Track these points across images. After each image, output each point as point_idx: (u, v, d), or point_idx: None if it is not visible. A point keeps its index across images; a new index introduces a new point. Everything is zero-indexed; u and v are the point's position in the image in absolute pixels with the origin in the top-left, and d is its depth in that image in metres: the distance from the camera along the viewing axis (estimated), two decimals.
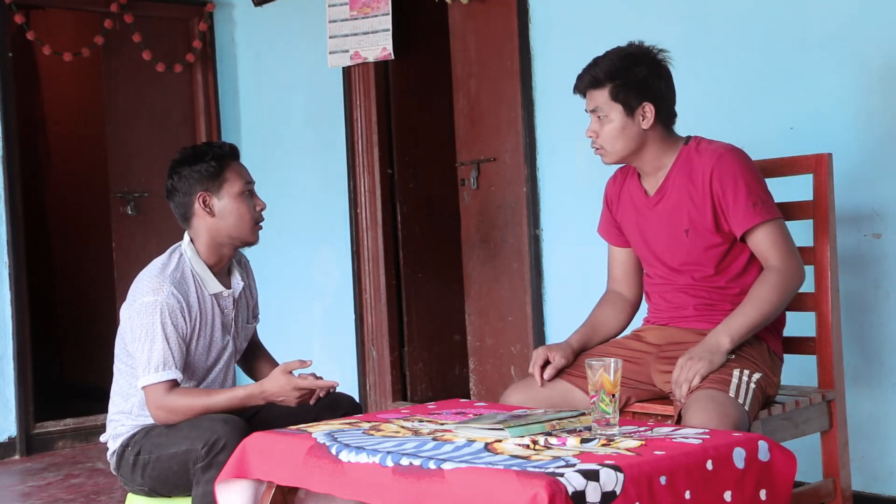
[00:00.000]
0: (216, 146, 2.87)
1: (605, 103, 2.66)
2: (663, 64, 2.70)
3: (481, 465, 1.90)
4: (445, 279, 5.27)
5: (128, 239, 5.55)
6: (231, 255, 2.90)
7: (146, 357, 2.70)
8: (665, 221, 2.71)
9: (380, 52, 4.96)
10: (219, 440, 2.56)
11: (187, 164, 2.84)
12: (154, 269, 2.80)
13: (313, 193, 5.48)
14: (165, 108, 5.70)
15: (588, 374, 2.14)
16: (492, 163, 4.46)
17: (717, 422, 2.31)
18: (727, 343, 2.52)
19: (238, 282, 2.92)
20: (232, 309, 2.90)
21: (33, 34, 5.26)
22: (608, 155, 2.71)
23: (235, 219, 2.82)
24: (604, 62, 2.68)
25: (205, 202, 2.82)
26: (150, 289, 2.74)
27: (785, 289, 2.57)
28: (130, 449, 2.78)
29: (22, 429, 5.05)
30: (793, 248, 2.61)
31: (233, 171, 2.84)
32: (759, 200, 2.58)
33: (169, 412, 2.69)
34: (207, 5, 5.68)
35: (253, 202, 2.86)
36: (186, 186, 2.83)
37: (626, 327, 2.93)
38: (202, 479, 2.58)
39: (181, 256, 2.84)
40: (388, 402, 5.16)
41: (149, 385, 2.70)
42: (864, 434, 3.18)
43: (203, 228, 2.84)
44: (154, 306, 2.70)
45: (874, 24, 3.17)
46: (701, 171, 2.63)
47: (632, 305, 2.92)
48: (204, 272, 2.83)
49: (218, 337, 2.86)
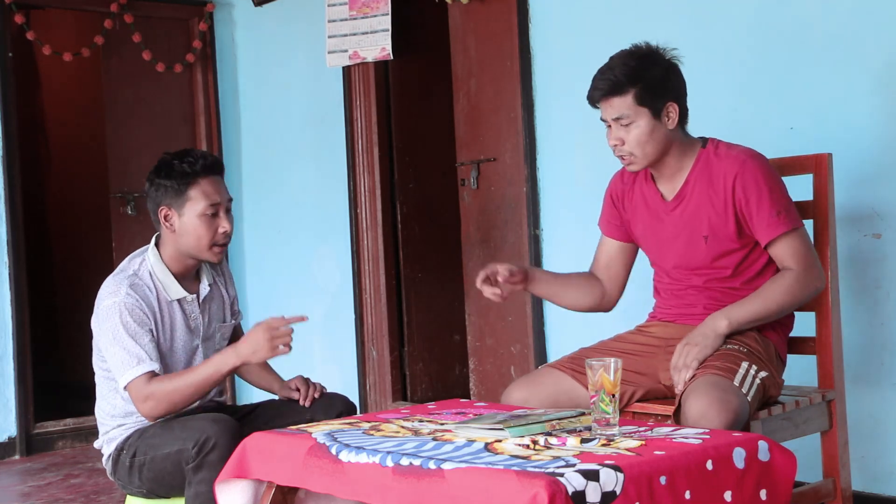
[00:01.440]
0: (190, 160, 2.81)
1: (630, 108, 2.57)
2: (674, 62, 2.65)
3: (481, 465, 1.90)
4: (445, 279, 5.26)
5: (128, 239, 5.54)
6: (196, 264, 2.89)
7: (119, 358, 2.71)
8: (683, 227, 2.67)
9: (379, 52, 4.96)
10: (209, 440, 2.56)
11: (158, 175, 2.83)
12: (113, 275, 2.83)
13: (313, 193, 5.47)
14: (165, 108, 5.70)
15: (588, 374, 2.13)
16: (492, 163, 4.46)
17: (718, 407, 2.30)
18: (724, 326, 2.52)
19: (205, 286, 2.91)
20: (198, 312, 2.89)
21: (33, 34, 5.26)
22: (638, 161, 2.63)
23: (193, 239, 2.81)
24: (620, 66, 2.58)
25: (166, 217, 2.82)
26: (108, 292, 2.76)
27: (797, 292, 2.55)
28: (126, 452, 2.78)
29: (22, 429, 5.05)
30: (814, 258, 2.59)
31: (199, 190, 2.79)
32: (782, 209, 2.56)
33: (156, 401, 2.68)
34: (207, 5, 5.68)
35: (216, 223, 2.81)
36: (154, 196, 2.84)
37: (587, 309, 2.88)
38: (194, 479, 2.59)
39: (142, 262, 2.84)
40: (388, 402, 5.16)
41: (128, 383, 2.70)
42: (864, 434, 3.17)
43: (168, 240, 2.85)
44: (114, 308, 2.72)
45: (874, 24, 3.17)
46: (723, 177, 2.59)
47: (603, 296, 2.87)
48: (166, 277, 2.83)
49: (183, 341, 2.86)
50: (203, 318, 2.90)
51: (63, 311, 7.29)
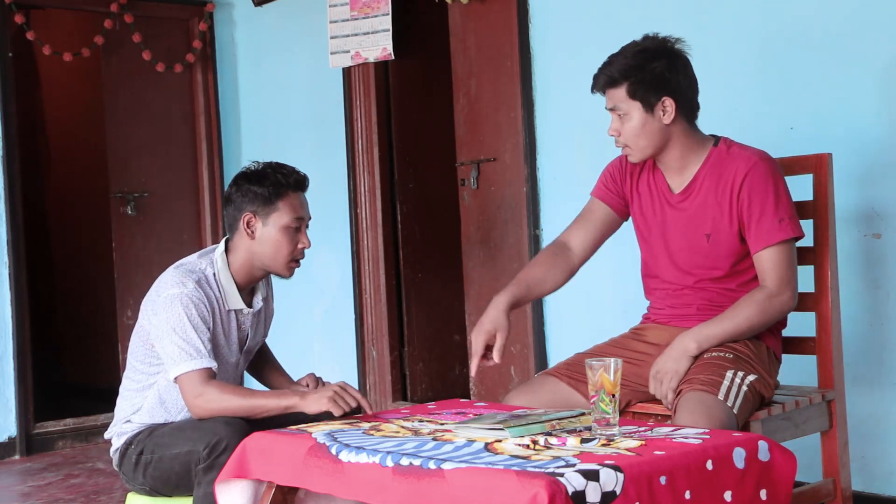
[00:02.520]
0: (285, 172, 2.82)
1: (624, 101, 2.61)
2: (681, 55, 2.65)
3: (481, 465, 1.90)
4: (445, 279, 5.26)
5: (128, 239, 5.55)
6: (262, 277, 2.87)
7: (176, 348, 2.65)
8: (686, 222, 2.67)
9: (380, 52, 4.96)
10: (220, 441, 2.55)
11: (248, 181, 2.81)
12: (180, 266, 2.78)
13: (313, 193, 5.43)
14: (165, 108, 5.70)
15: (588, 374, 2.13)
16: (492, 163, 4.46)
17: (704, 423, 2.31)
18: (693, 348, 2.53)
19: (259, 301, 2.90)
20: (249, 326, 2.88)
21: (33, 34, 5.26)
22: (634, 153, 2.66)
23: (272, 250, 2.79)
24: (618, 60, 2.63)
25: (248, 223, 2.78)
26: (175, 282, 2.71)
27: (770, 313, 2.55)
28: (134, 448, 2.77)
29: (22, 429, 5.05)
30: (792, 276, 2.57)
31: (287, 203, 2.79)
32: (785, 217, 2.55)
33: (206, 401, 2.63)
34: (207, 5, 5.68)
35: (297, 238, 2.82)
36: (239, 201, 2.80)
37: (559, 287, 2.84)
38: (203, 480, 2.58)
39: (211, 263, 2.80)
40: (388, 402, 5.16)
41: (182, 374, 2.64)
42: (864, 434, 3.17)
43: (242, 246, 2.81)
44: (179, 298, 2.67)
45: (874, 24, 3.17)
46: (731, 177, 2.59)
47: (572, 265, 2.82)
48: (229, 285, 2.79)
49: (232, 350, 2.83)
50: (252, 332, 2.89)
51: (63, 312, 7.29)
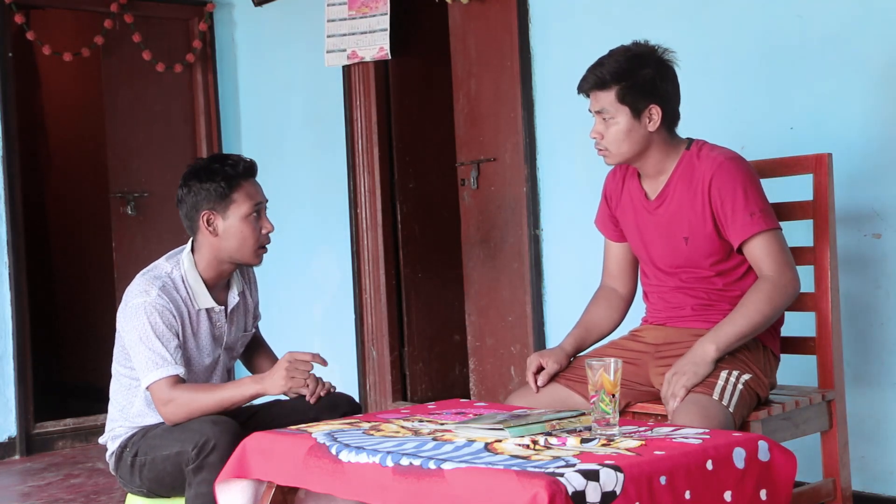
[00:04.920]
0: (231, 163, 2.81)
1: (612, 105, 2.61)
2: (669, 64, 2.66)
3: (481, 465, 1.90)
4: (445, 279, 5.26)
5: (128, 239, 5.55)
6: (231, 270, 2.88)
7: (144, 357, 2.70)
8: (664, 227, 2.69)
9: (377, 51, 4.96)
10: (208, 441, 2.56)
11: (198, 179, 2.80)
12: (147, 273, 2.81)
13: (313, 193, 5.48)
14: (165, 108, 5.70)
15: (588, 374, 2.13)
16: (492, 163, 4.46)
17: (700, 424, 2.31)
18: (713, 352, 2.51)
19: (234, 296, 2.90)
20: (225, 322, 2.89)
21: (33, 34, 5.26)
22: (611, 156, 2.67)
23: (238, 241, 2.80)
24: (609, 63, 2.62)
25: (209, 221, 2.79)
26: (139, 291, 2.75)
27: (777, 300, 2.54)
28: (128, 450, 2.79)
29: (22, 429, 5.05)
30: (788, 259, 2.58)
31: (242, 192, 2.80)
32: (757, 210, 2.55)
33: (176, 407, 2.68)
34: (207, 5, 5.68)
35: (259, 224, 2.82)
36: (193, 201, 2.80)
37: (619, 324, 2.91)
38: (194, 480, 2.59)
39: (176, 266, 2.82)
40: (388, 402, 5.16)
41: (151, 384, 2.70)
42: (864, 434, 3.17)
43: (206, 244, 2.82)
44: (142, 308, 2.71)
45: (874, 25, 3.16)
46: (701, 179, 2.60)
47: (625, 301, 2.90)
48: (197, 285, 2.81)
49: (207, 350, 2.85)
50: (228, 328, 2.90)
51: (63, 312, 7.29)
